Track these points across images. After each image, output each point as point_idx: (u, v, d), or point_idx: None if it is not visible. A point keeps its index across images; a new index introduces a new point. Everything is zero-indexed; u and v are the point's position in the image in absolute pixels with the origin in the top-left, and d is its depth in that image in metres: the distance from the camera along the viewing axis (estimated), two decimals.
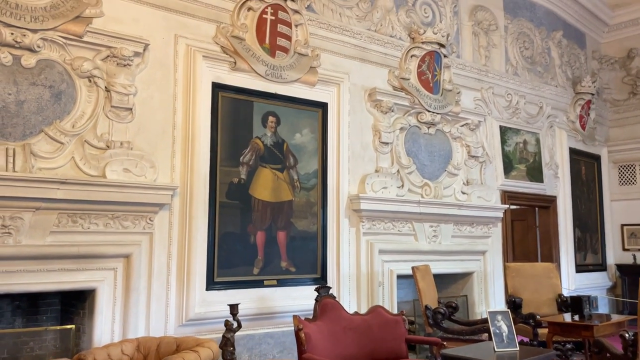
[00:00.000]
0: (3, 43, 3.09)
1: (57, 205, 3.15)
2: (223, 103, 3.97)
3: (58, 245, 3.16)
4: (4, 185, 2.94)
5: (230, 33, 4.01)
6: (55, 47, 3.28)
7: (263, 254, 4.05)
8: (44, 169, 3.17)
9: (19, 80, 3.14)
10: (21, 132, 3.13)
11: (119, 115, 3.49)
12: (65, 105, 3.31)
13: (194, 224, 3.72)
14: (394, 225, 4.81)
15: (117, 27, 3.51)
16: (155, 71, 3.69)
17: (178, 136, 3.74)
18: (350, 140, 4.63)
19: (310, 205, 4.34)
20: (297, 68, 4.32)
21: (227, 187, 3.93)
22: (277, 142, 4.23)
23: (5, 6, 3.09)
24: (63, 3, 3.31)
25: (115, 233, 3.38)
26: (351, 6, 4.81)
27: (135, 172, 3.46)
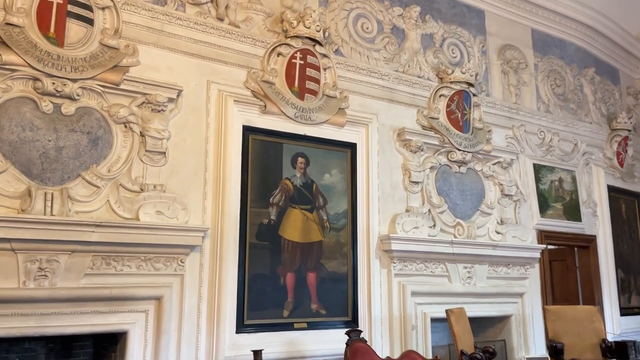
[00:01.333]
0: (45, 92, 3.25)
1: (92, 248, 3.22)
2: (253, 145, 4.04)
3: (92, 287, 3.21)
4: (42, 229, 3.03)
5: (261, 78, 4.12)
6: (94, 95, 3.43)
7: (293, 295, 4.02)
8: (80, 212, 3.25)
9: (58, 127, 3.28)
10: (59, 177, 3.25)
11: (153, 159, 3.59)
12: (102, 150, 3.42)
13: (225, 266, 3.73)
14: (426, 266, 4.71)
15: (152, 75, 3.65)
16: (188, 116, 3.80)
17: (209, 178, 3.81)
18: (379, 180, 4.61)
19: (340, 246, 4.31)
20: (325, 110, 4.38)
21: (257, 228, 3.95)
22: (307, 182, 4.25)
23: (48, 58, 3.27)
24: (102, 53, 3.47)
25: (147, 275, 3.41)
26: (379, 49, 4.89)
27: (168, 215, 3.52)
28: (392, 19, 5.04)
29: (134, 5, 3.67)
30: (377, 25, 4.93)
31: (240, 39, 4.09)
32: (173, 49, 3.80)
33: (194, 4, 3.94)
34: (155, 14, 3.75)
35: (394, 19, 5.05)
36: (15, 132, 3.15)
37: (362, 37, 4.80)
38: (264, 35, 4.23)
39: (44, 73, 3.24)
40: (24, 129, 3.18)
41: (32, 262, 3.03)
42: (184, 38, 3.85)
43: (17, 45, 3.19)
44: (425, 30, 5.24)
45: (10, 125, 3.14)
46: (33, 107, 3.22)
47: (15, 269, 2.99)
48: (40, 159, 3.20)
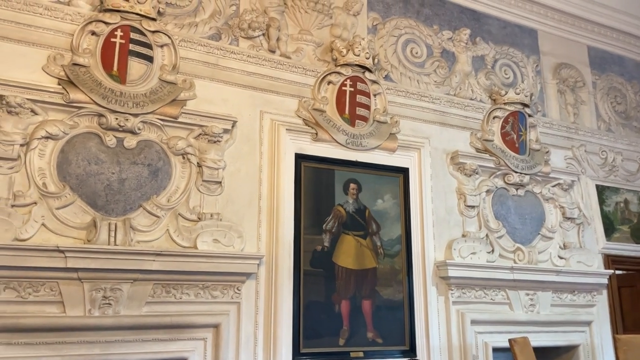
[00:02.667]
0: (109, 127, 3.42)
1: (153, 276, 3.31)
2: (305, 172, 4.08)
3: (153, 315, 3.29)
4: (106, 258, 3.15)
5: (312, 106, 4.18)
6: (154, 128, 3.58)
7: (348, 323, 3.97)
8: (142, 242, 3.36)
9: (121, 160, 3.43)
10: (122, 208, 3.38)
11: (210, 188, 3.68)
12: (162, 181, 3.54)
13: (280, 293, 3.74)
14: (485, 293, 4.55)
15: (208, 107, 3.78)
16: (243, 145, 3.89)
17: (264, 206, 3.86)
18: (433, 204, 4.54)
19: (395, 273, 4.23)
20: (376, 135, 4.38)
21: (310, 255, 3.95)
22: (359, 208, 4.23)
23: (112, 95, 3.45)
24: (161, 89, 3.63)
25: (205, 303, 3.47)
26: (429, 73, 4.87)
27: (224, 243, 3.58)
28: (442, 42, 5.03)
29: (190, 42, 3.83)
30: (426, 50, 4.92)
31: (292, 69, 4.18)
32: (227, 81, 3.93)
33: (247, 37, 4.07)
34: (210, 49, 3.90)
35: (443, 42, 5.03)
36: (82, 165, 3.32)
37: (411, 62, 4.81)
38: (314, 64, 4.31)
39: (108, 109, 3.42)
40: (90, 162, 3.35)
41: (97, 290, 3.14)
42: (238, 71, 3.97)
43: (83, 84, 3.38)
44: (476, 53, 5.19)
45: (77, 159, 3.32)
46: (98, 141, 3.40)
47: (81, 297, 3.11)
48: (105, 191, 3.35)
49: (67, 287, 3.09)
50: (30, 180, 3.16)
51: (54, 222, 3.16)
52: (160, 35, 3.68)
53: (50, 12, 3.43)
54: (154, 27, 3.67)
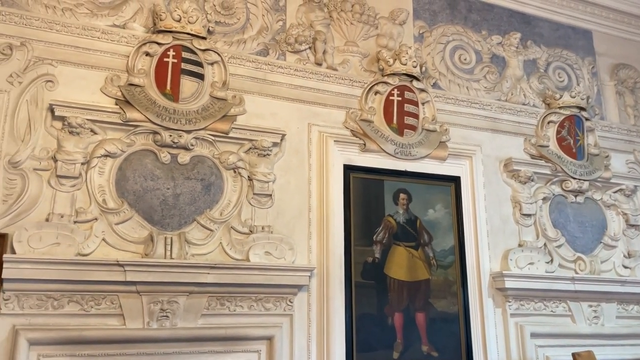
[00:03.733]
0: (163, 144, 3.52)
1: (207, 289, 3.37)
2: (354, 184, 4.06)
3: (208, 327, 3.34)
4: (163, 272, 3.24)
5: (359, 117, 4.17)
6: (206, 144, 3.66)
7: (402, 336, 3.89)
8: (196, 255, 3.44)
9: (175, 175, 3.53)
10: (177, 222, 3.47)
11: (260, 201, 3.72)
12: (214, 195, 3.62)
13: (332, 305, 3.72)
14: (545, 305, 4.37)
15: (257, 122, 3.84)
16: (291, 158, 3.92)
17: (313, 218, 3.87)
18: (487, 213, 4.41)
19: (448, 284, 4.14)
20: (426, 144, 4.32)
21: (361, 266, 3.92)
22: (410, 219, 4.17)
23: (165, 112, 3.56)
24: (212, 105, 3.72)
25: (258, 315, 3.49)
26: (478, 79, 4.77)
27: (276, 255, 3.61)
28: (491, 47, 4.92)
29: (239, 58, 3.91)
30: (475, 56, 4.83)
31: (338, 81, 4.20)
32: (275, 95, 3.98)
33: (294, 51, 4.12)
34: (259, 65, 3.97)
35: (492, 47, 4.93)
36: (139, 182, 3.43)
37: (460, 68, 4.73)
38: (361, 75, 4.31)
39: (162, 127, 3.53)
40: (146, 179, 3.46)
41: (155, 303, 3.23)
42: (285, 85, 4.02)
43: (138, 103, 3.51)
44: (527, 56, 5.05)
45: (134, 176, 3.43)
46: (153, 158, 3.51)
47: (140, 310, 3.21)
48: (161, 206, 3.45)
49: (126, 300, 3.18)
50: (91, 197, 3.29)
51: (114, 237, 3.28)
52: (211, 53, 3.78)
53: (107, 35, 3.58)
54: (205, 45, 3.77)
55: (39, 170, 3.20)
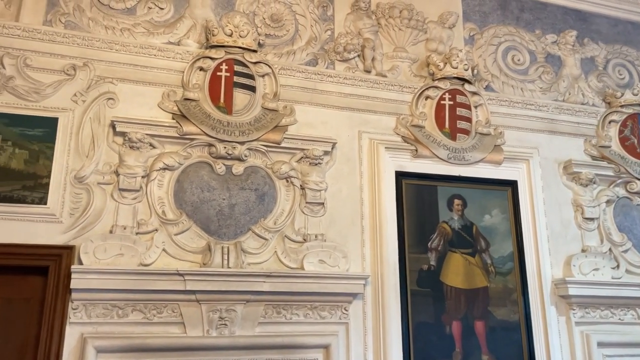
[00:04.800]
0: (218, 156, 3.61)
1: (264, 297, 3.41)
2: (407, 190, 4.02)
3: (265, 335, 3.38)
4: (221, 281, 3.31)
5: (410, 123, 4.13)
6: (259, 154, 3.72)
7: (461, 345, 3.80)
8: (252, 264, 3.49)
9: (230, 186, 3.61)
10: (233, 232, 3.53)
11: (313, 210, 3.74)
12: (268, 204, 3.67)
13: (387, 314, 3.68)
14: (612, 312, 4.16)
15: (308, 131, 3.87)
16: (343, 166, 3.92)
17: (366, 226, 3.85)
18: (547, 218, 4.26)
19: (508, 292, 4.01)
20: (480, 148, 4.23)
21: (417, 274, 3.86)
22: (466, 225, 4.08)
23: (220, 125, 3.65)
24: (264, 116, 3.78)
25: (314, 323, 3.50)
26: (533, 79, 4.63)
27: (330, 263, 3.61)
28: (546, 47, 4.77)
29: (289, 69, 3.97)
30: (529, 56, 4.70)
31: (388, 87, 4.18)
32: (325, 104, 4.00)
33: (342, 60, 4.14)
34: (308, 75, 4.00)
35: (547, 46, 4.78)
36: (196, 193, 3.53)
37: (513, 69, 4.61)
38: (411, 81, 4.27)
39: (217, 139, 3.61)
40: (203, 190, 3.55)
41: (214, 311, 3.29)
42: (335, 93, 4.04)
43: (194, 117, 3.61)
44: (584, 54, 4.86)
45: (192, 187, 3.53)
46: (209, 170, 3.59)
47: (200, 318, 3.28)
48: (217, 216, 3.53)
49: (187, 309, 3.27)
50: (151, 209, 3.40)
51: (173, 247, 3.37)
52: (262, 66, 3.86)
53: (162, 52, 3.71)
54: (256, 58, 3.85)
55: (102, 185, 3.35)
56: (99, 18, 3.65)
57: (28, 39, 3.45)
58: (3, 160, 3.21)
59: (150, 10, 3.79)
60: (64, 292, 3.08)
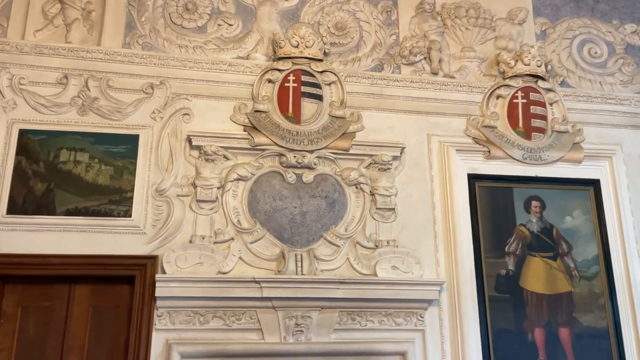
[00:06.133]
0: (288, 165, 3.68)
1: (338, 304, 3.42)
2: (480, 193, 3.91)
3: (341, 342, 3.39)
4: (296, 287, 3.36)
5: (481, 123, 4.03)
6: (328, 162, 3.76)
7: (545, 354, 3.63)
8: (325, 271, 3.51)
9: (301, 194, 3.66)
10: (306, 239, 3.58)
11: (384, 215, 3.72)
12: (338, 211, 3.68)
13: (465, 321, 3.59)
14: None
15: (376, 137, 3.87)
16: (412, 171, 3.88)
17: (439, 230, 3.78)
18: (634, 218, 4.00)
19: (594, 297, 3.80)
20: (557, 147, 4.05)
21: (494, 279, 3.74)
22: (545, 227, 3.91)
23: (289, 135, 3.72)
24: (331, 124, 3.82)
25: (389, 330, 3.47)
26: (612, 72, 4.39)
27: (403, 269, 3.58)
28: (625, 37, 4.51)
29: (355, 76, 3.98)
30: (607, 48, 4.46)
31: (456, 88, 4.10)
32: (392, 109, 3.98)
33: (408, 63, 4.10)
34: (374, 80, 4.00)
35: (626, 37, 4.51)
36: (268, 202, 3.61)
37: (590, 63, 4.39)
38: (480, 80, 4.17)
39: (287, 148, 3.68)
40: (275, 199, 3.62)
41: (290, 318, 3.34)
42: (402, 97, 4.01)
43: (264, 128, 3.71)
44: None
45: (264, 197, 3.61)
46: (280, 179, 3.67)
47: (276, 325, 3.34)
48: (289, 224, 3.59)
49: (264, 315, 3.34)
50: (227, 219, 3.51)
51: (249, 255, 3.46)
52: (328, 74, 3.90)
53: (232, 67, 3.84)
54: (322, 67, 3.90)
55: (181, 196, 3.50)
56: (173, 38, 3.84)
57: (109, 62, 3.68)
58: (91, 177, 3.43)
59: (220, 27, 3.94)
60: (150, 300, 3.24)
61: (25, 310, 3.25)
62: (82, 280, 3.32)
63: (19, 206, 3.30)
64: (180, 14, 3.90)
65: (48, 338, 3.23)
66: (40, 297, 3.28)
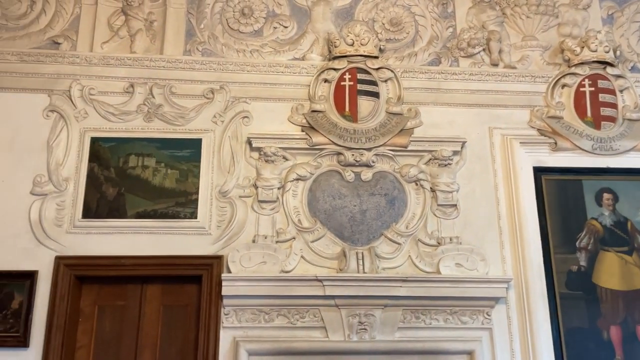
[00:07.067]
0: (346, 164, 3.68)
1: (401, 302, 3.39)
2: (547, 186, 3.77)
3: (406, 340, 3.35)
4: (358, 286, 3.35)
5: (546, 114, 3.88)
6: (386, 159, 3.73)
7: (622, 352, 3.45)
8: (387, 269, 3.49)
9: (360, 192, 3.65)
10: (366, 237, 3.57)
11: (445, 212, 3.65)
12: (399, 209, 3.65)
13: (534, 319, 3.46)
14: None
15: (435, 132, 3.81)
16: (474, 166, 3.79)
17: (504, 226, 3.67)
18: None
19: None
20: (629, 136, 3.84)
21: (565, 276, 3.59)
22: (618, 221, 3.72)
23: (346, 133, 3.72)
24: (389, 121, 3.79)
25: (455, 329, 3.40)
26: None
27: (467, 266, 3.50)
28: None
29: (411, 72, 3.93)
30: None
31: (518, 79, 3.96)
32: (451, 103, 3.90)
33: (467, 56, 4.01)
34: (432, 75, 3.94)
35: None
36: (328, 201, 3.62)
37: None
38: (543, 70, 4.02)
39: (344, 147, 3.69)
40: (334, 197, 3.63)
41: (353, 316, 3.34)
42: (461, 91, 3.92)
43: (322, 128, 3.73)
44: None
45: (324, 196, 3.63)
46: (339, 178, 3.67)
47: (340, 323, 3.35)
48: (349, 222, 3.59)
49: (327, 314, 3.35)
50: (288, 218, 3.56)
51: (310, 254, 3.49)
52: (384, 71, 3.87)
53: (289, 69, 3.89)
54: (377, 64, 3.88)
55: (243, 197, 3.58)
56: (231, 43, 3.93)
57: (172, 69, 3.81)
58: (158, 180, 3.57)
59: (276, 29, 3.99)
60: (216, 299, 3.33)
61: (101, 309, 3.43)
62: (153, 280, 3.46)
63: (93, 210, 3.48)
64: (237, 19, 3.98)
65: (123, 336, 3.38)
66: (114, 297, 3.45)
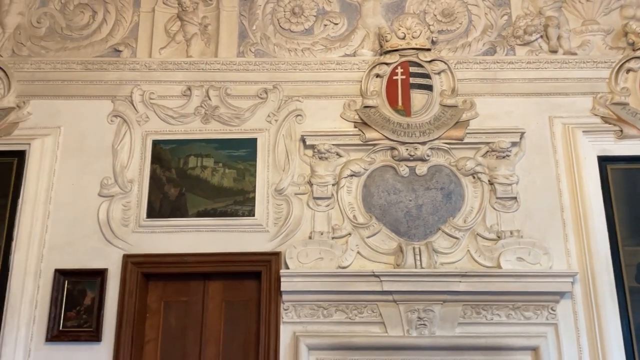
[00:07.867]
0: (401, 158, 3.65)
1: (460, 297, 3.34)
2: (613, 176, 3.62)
3: (466, 336, 3.30)
4: (416, 281, 3.33)
5: (610, 101, 3.71)
6: (441, 153, 3.68)
7: None
8: (445, 264, 3.45)
9: (416, 187, 3.62)
10: (423, 232, 3.54)
11: (505, 205, 3.57)
12: (456, 203, 3.59)
13: (603, 314, 3.33)
14: None
15: (492, 123, 3.72)
16: (534, 157, 3.67)
17: (567, 218, 3.54)
18: None
19: None
20: None
21: (634, 269, 3.44)
22: None
23: (400, 128, 3.69)
24: (443, 114, 3.73)
25: (517, 324, 3.32)
26: None
27: (530, 261, 3.40)
28: None
29: (465, 62, 3.86)
30: None
31: (579, 65, 3.81)
32: (508, 93, 3.80)
33: (523, 44, 3.89)
34: (487, 65, 3.84)
35: None
36: (382, 196, 3.61)
37: None
38: (606, 54, 3.84)
39: (398, 142, 3.67)
40: (389, 193, 3.62)
41: (412, 312, 3.32)
42: (518, 80, 3.81)
43: (375, 123, 3.72)
44: None
45: (378, 191, 3.62)
46: (393, 173, 3.66)
47: (398, 318, 3.34)
48: (405, 217, 3.56)
49: (385, 309, 3.35)
50: (343, 214, 3.58)
51: (367, 249, 3.50)
52: (437, 63, 3.82)
53: (340, 65, 3.90)
54: (430, 56, 3.83)
55: (299, 195, 3.62)
56: (282, 43, 3.98)
57: (226, 71, 3.91)
58: (217, 180, 3.67)
59: (326, 27, 4.01)
60: (276, 295, 3.40)
61: (167, 305, 3.57)
62: (215, 277, 3.57)
63: (156, 210, 3.63)
64: (287, 18, 4.03)
65: (188, 330, 3.51)
66: (179, 293, 3.58)
